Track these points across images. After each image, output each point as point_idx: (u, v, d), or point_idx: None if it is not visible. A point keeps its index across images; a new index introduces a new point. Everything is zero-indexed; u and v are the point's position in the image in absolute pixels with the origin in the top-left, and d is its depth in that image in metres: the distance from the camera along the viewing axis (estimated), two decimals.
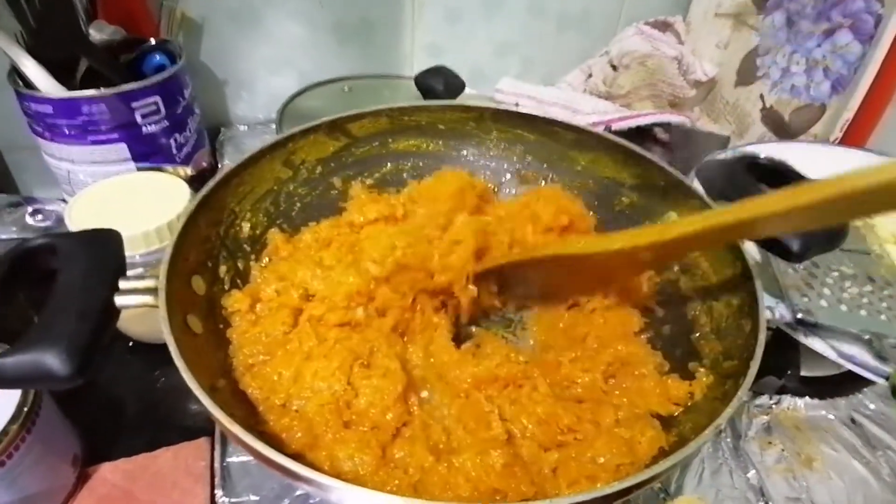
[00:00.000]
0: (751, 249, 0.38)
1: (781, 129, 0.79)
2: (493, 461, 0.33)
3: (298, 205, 0.48)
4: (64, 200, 0.64)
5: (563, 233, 0.48)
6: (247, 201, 0.44)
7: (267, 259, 0.44)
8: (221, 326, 0.38)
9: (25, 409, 0.37)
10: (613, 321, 0.43)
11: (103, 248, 0.32)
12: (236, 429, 0.26)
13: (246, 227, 0.44)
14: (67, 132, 0.54)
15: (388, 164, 0.53)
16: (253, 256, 0.43)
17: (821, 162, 0.51)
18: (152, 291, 0.31)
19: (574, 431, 0.36)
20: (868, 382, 0.49)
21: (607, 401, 0.38)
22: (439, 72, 0.67)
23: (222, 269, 0.40)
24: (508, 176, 0.55)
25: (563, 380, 0.40)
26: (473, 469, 0.33)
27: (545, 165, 0.53)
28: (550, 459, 0.35)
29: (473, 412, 0.37)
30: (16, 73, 0.54)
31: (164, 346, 0.50)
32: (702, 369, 0.38)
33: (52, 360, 0.27)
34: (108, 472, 0.43)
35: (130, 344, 0.52)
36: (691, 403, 0.36)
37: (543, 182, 0.54)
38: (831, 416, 0.48)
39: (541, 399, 0.37)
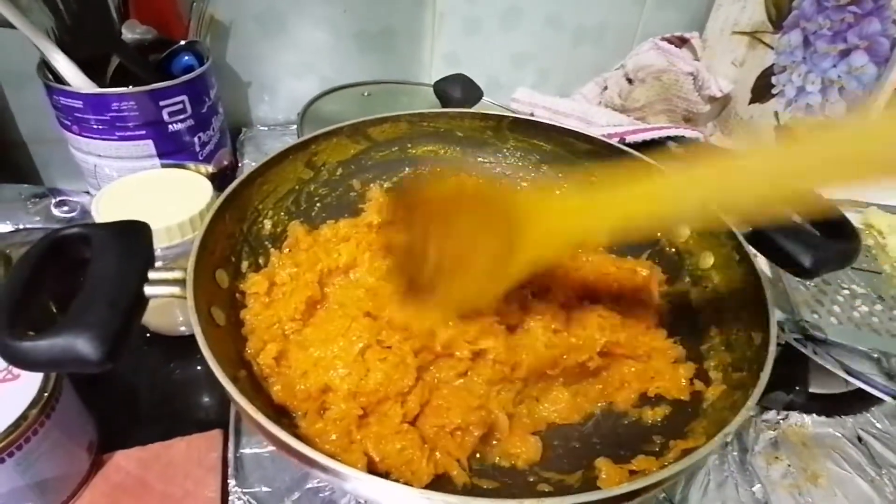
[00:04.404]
0: (761, 265, 0.38)
1: None
2: None
3: (318, 205, 0.49)
4: (88, 193, 0.65)
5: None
6: (270, 199, 0.45)
7: (287, 251, 0.45)
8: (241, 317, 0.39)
9: (46, 394, 0.37)
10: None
11: (134, 239, 0.33)
12: (260, 417, 0.27)
13: (268, 224, 0.45)
14: (96, 127, 0.55)
15: (407, 169, 0.53)
16: (274, 252, 0.44)
17: None
18: (180, 283, 0.32)
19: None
20: (876, 401, 0.49)
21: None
22: (458, 80, 0.68)
23: (244, 263, 0.41)
24: (524, 185, 0.55)
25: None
26: None
27: (560, 175, 0.54)
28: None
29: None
30: (45, 67, 0.55)
31: (180, 340, 0.53)
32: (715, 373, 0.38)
33: (84, 345, 0.27)
34: (123, 460, 0.44)
35: (148, 335, 0.53)
36: (705, 406, 0.36)
37: (558, 193, 0.54)
38: (838, 434, 0.48)
39: None
